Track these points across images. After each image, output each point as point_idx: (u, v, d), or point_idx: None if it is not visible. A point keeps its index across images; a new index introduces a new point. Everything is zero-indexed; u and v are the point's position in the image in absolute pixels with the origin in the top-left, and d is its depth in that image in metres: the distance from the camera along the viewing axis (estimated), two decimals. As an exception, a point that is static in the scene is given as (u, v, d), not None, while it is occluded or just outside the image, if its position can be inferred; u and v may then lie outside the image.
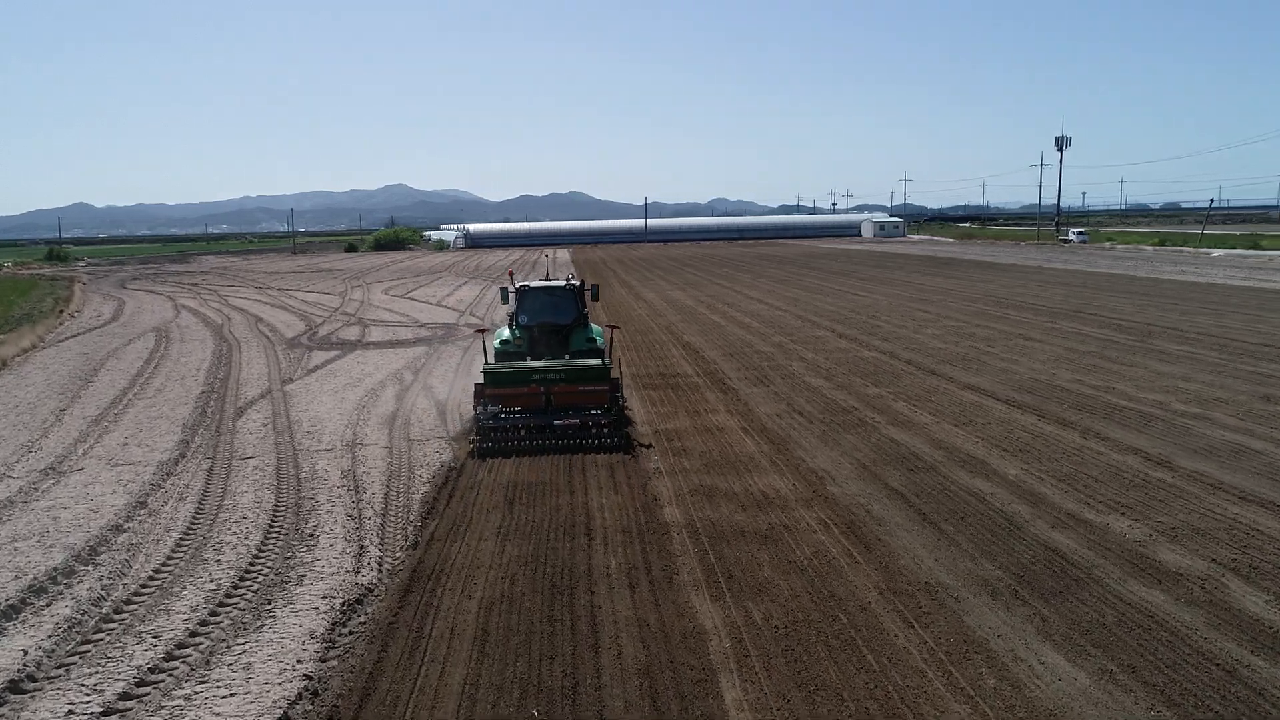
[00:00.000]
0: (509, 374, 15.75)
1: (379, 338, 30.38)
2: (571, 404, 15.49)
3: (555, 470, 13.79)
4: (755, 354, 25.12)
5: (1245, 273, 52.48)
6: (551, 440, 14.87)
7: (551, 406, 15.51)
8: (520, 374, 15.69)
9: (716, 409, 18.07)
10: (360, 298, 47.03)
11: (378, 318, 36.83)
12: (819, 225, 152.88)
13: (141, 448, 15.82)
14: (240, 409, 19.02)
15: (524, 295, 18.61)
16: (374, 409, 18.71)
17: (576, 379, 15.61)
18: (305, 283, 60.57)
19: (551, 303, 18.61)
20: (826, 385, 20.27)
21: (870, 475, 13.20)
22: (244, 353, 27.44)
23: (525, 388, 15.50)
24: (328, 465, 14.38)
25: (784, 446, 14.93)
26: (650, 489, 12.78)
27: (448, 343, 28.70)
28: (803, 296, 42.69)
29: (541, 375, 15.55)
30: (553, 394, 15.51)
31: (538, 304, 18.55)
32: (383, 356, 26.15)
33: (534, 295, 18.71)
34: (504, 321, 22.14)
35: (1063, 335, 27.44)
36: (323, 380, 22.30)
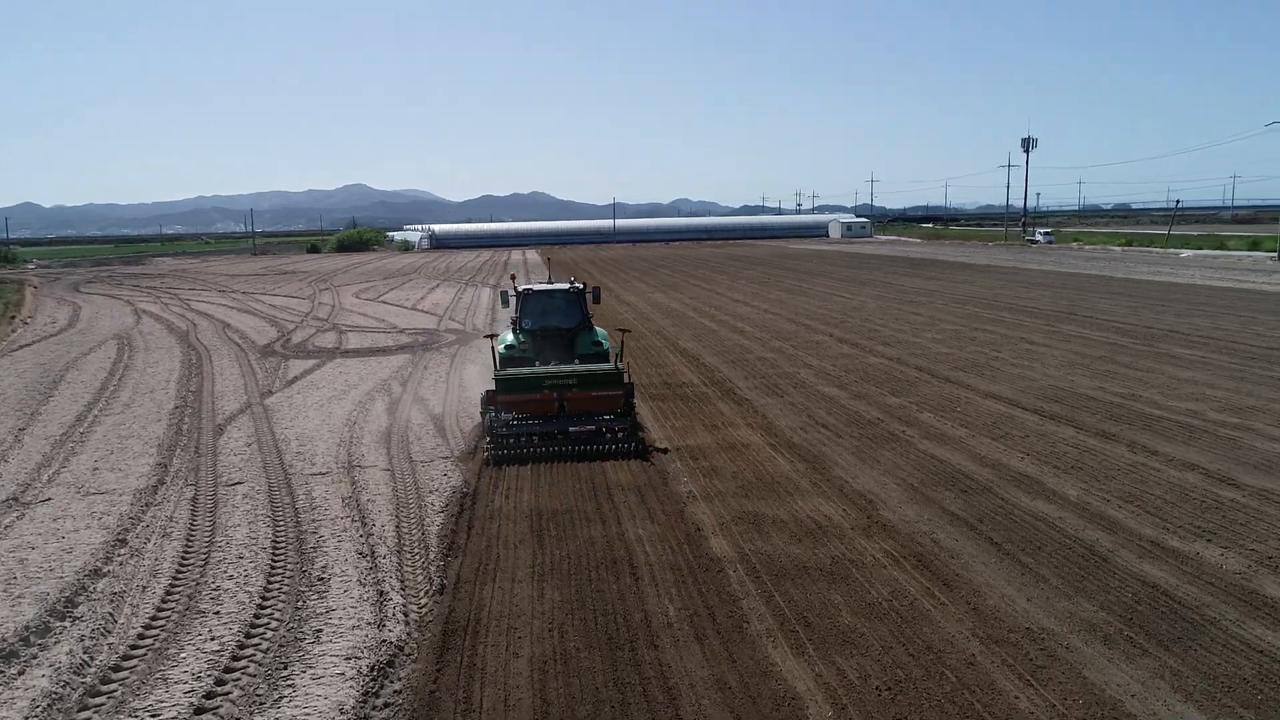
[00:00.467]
0: (521, 380, 15.15)
1: (358, 345, 28.90)
2: (585, 409, 15.09)
3: (579, 495, 12.64)
4: (758, 360, 24.14)
5: (1220, 273, 52.79)
6: (567, 447, 14.45)
7: (564, 412, 15.03)
8: (532, 380, 15.12)
9: (734, 422, 17.03)
10: (331, 301, 45.30)
11: (353, 323, 35.26)
12: (787, 226, 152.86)
13: (114, 473, 14.35)
14: (219, 426, 17.56)
15: (527, 299, 17.97)
16: (366, 425, 17.38)
17: (590, 384, 15.13)
18: (270, 285, 58.51)
19: (555, 306, 18.09)
20: (843, 395, 19.33)
21: (923, 498, 12.24)
22: (215, 362, 25.83)
23: (538, 394, 14.98)
24: (326, 492, 13.07)
25: (820, 465, 13.93)
26: (689, 516, 11.69)
27: (432, 350, 27.34)
28: (787, 299, 41.88)
29: (554, 381, 15.04)
30: (566, 400, 15.04)
31: (541, 308, 17.98)
32: (365, 366, 24.73)
33: (537, 299, 18.07)
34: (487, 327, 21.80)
35: (1065, 339, 26.85)
36: (305, 392, 20.86)
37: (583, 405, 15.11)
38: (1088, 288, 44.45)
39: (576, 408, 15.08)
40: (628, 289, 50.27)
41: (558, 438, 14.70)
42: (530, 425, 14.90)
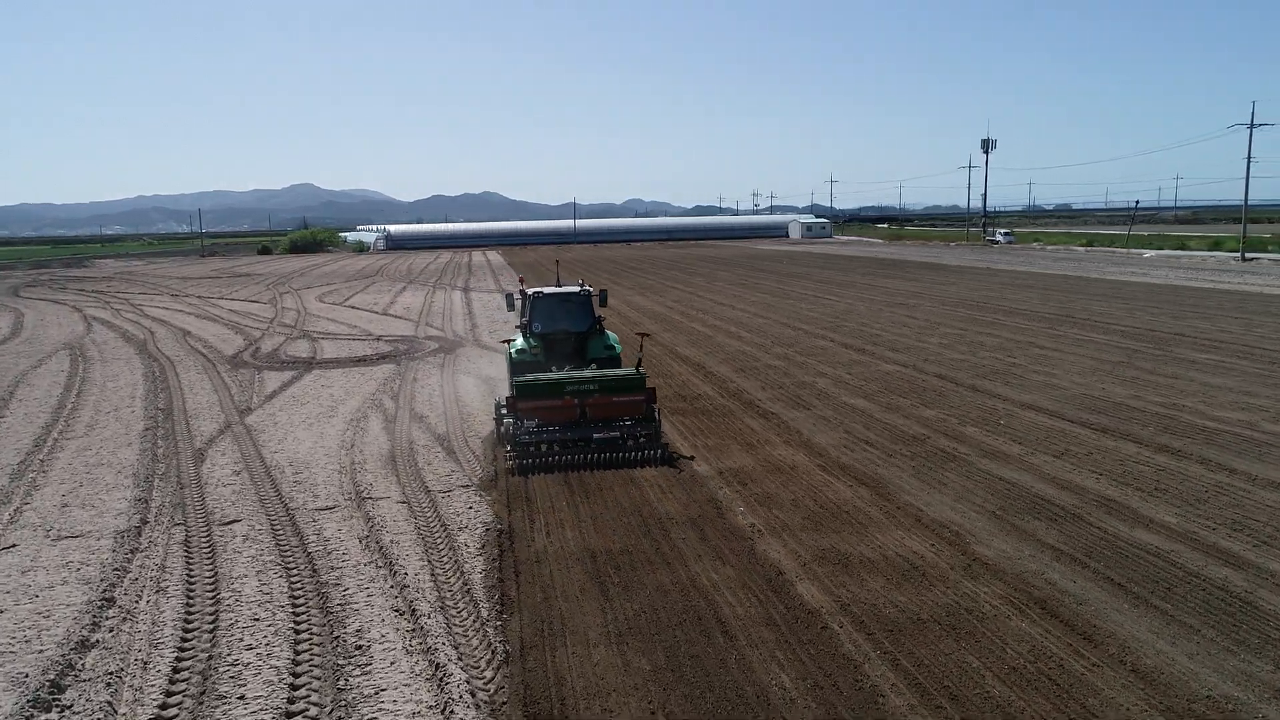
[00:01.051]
0: (542, 386, 14.61)
1: (335, 354, 27.07)
2: (607, 415, 14.66)
3: (630, 531, 11.25)
4: (768, 369, 22.94)
5: (1191, 273, 53.08)
6: (592, 455, 14.09)
7: (586, 419, 14.57)
8: (553, 385, 14.63)
9: (769, 439, 15.77)
10: (294, 306, 43.10)
11: (324, 329, 33.30)
12: (748, 226, 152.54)
13: (87, 510, 12.57)
14: (199, 451, 15.79)
15: (537, 302, 17.41)
16: (364, 447, 15.77)
17: (612, 389, 14.72)
18: (226, 289, 55.87)
19: (566, 310, 17.58)
20: (873, 407, 18.20)
21: (1012, 528, 11.09)
22: (181, 375, 23.84)
23: (559, 399, 14.49)
24: (338, 531, 11.49)
25: (883, 490, 12.72)
26: (762, 556, 10.38)
27: (417, 360, 25.64)
28: (773, 301, 40.85)
29: (576, 386, 14.59)
30: (587, 406, 14.58)
31: (552, 311, 17.44)
32: (349, 377, 22.98)
33: (548, 302, 17.51)
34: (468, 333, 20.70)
35: (1075, 343, 26.13)
36: (289, 409, 19.11)
37: (605, 411, 14.62)
38: (1070, 289, 44.16)
39: (598, 414, 14.57)
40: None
41: (581, 445, 14.25)
42: (553, 432, 14.34)
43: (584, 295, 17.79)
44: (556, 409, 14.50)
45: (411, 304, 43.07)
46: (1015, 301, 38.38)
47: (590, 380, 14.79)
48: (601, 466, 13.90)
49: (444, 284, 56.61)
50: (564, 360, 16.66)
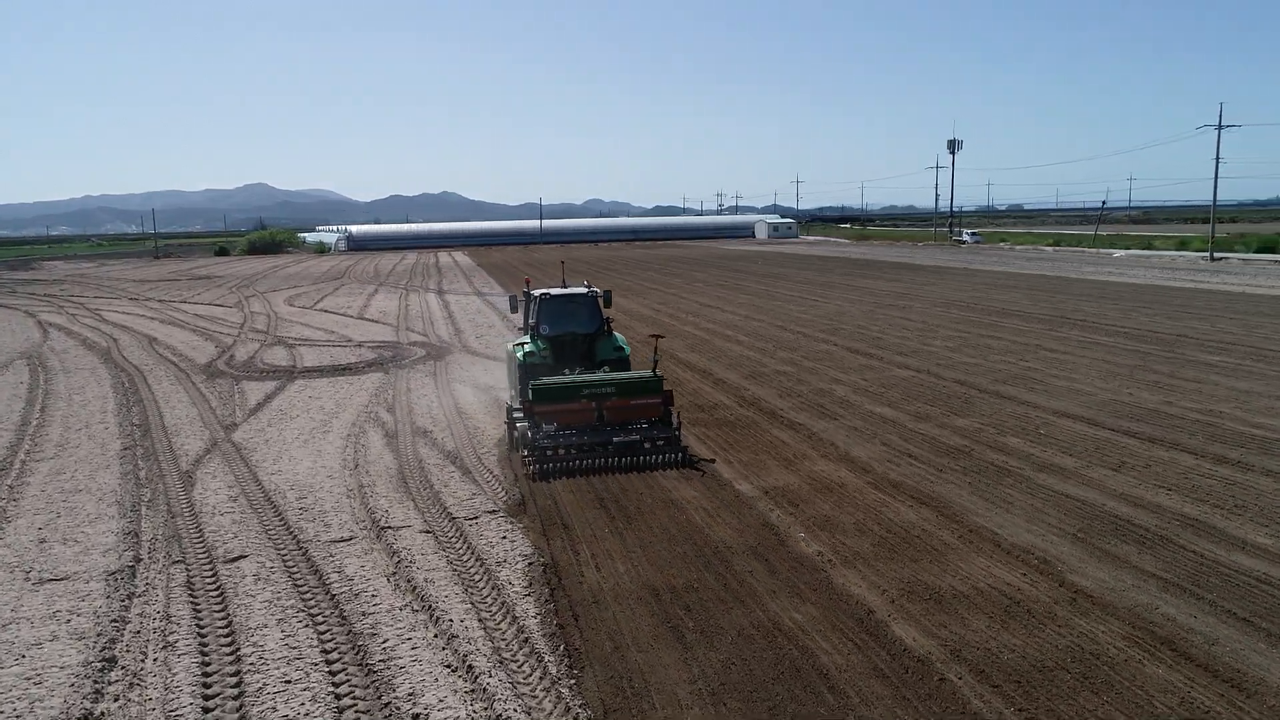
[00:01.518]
0: (559, 389, 14.40)
1: (317, 361, 25.61)
2: (624, 418, 14.46)
3: (688, 563, 10.21)
4: (778, 375, 22.02)
5: (1166, 273, 53.40)
6: (613, 459, 13.71)
7: (603, 422, 14.34)
8: (570, 388, 14.43)
9: (806, 453, 14.82)
10: (263, 310, 41.31)
11: (299, 335, 31.71)
12: (714, 226, 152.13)
13: (69, 546, 11.20)
14: (187, 472, 14.40)
15: (545, 304, 17.08)
16: (369, 466, 14.52)
17: (630, 392, 14.53)
18: (187, 292, 53.68)
19: (574, 311, 17.31)
20: (902, 416, 17.35)
21: (1102, 554, 10.25)
22: (154, 386, 22.26)
23: (576, 403, 14.29)
24: (361, 567, 10.29)
25: (947, 510, 11.82)
26: (842, 591, 9.40)
27: (405, 366, 24.31)
28: (760, 302, 40.05)
29: (593, 389, 14.40)
30: (605, 408, 14.36)
31: (560, 313, 17.16)
32: (336, 387, 21.61)
33: (556, 304, 17.19)
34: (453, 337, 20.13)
35: (1081, 345, 25.61)
36: (278, 424, 17.73)
37: (623, 414, 14.40)
38: (1055, 289, 43.99)
39: (616, 417, 14.34)
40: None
41: (600, 449, 13.93)
42: (572, 436, 14.06)
43: (591, 296, 17.49)
44: (574, 412, 14.21)
45: (387, 308, 41.51)
46: (1005, 302, 37.99)
47: (608, 383, 14.53)
48: (623, 470, 13.57)
49: (416, 286, 54.97)
50: (573, 362, 16.30)
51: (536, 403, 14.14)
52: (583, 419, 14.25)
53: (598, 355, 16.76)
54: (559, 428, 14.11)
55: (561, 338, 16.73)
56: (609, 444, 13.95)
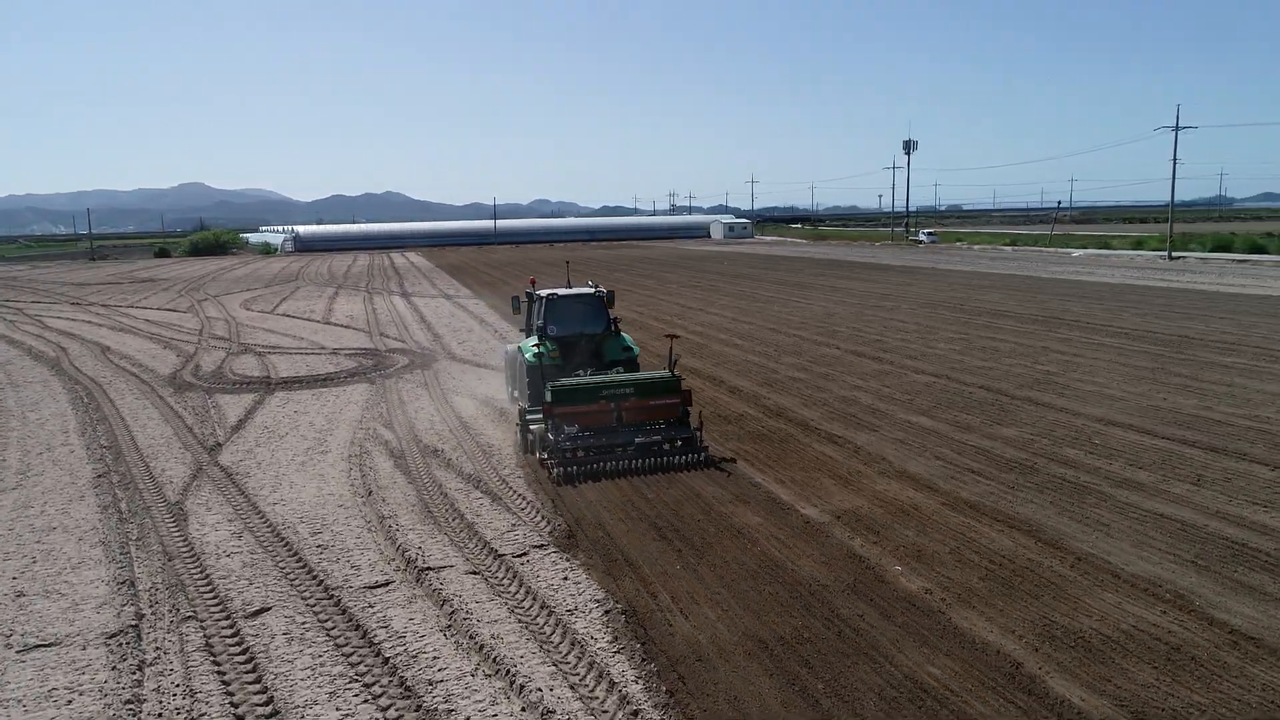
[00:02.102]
0: (578, 390, 14.23)
1: (292, 371, 23.81)
2: (642, 419, 14.31)
3: (784, 606, 9.01)
4: (793, 382, 20.97)
5: (1133, 272, 53.87)
6: (636, 460, 13.51)
7: (622, 423, 14.17)
8: (589, 390, 14.28)
9: (860, 470, 13.74)
10: (220, 315, 39.02)
11: (266, 342, 29.74)
12: (670, 226, 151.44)
13: (53, 599, 9.56)
14: (175, 504, 12.74)
15: (551, 304, 16.96)
16: (384, 493, 13.04)
17: (649, 392, 14.41)
18: (132, 296, 50.81)
19: (582, 311, 17.29)
20: (942, 426, 16.41)
21: (1236, 585, 9.32)
22: (117, 401, 20.32)
23: (594, 404, 14.13)
24: (410, 621, 8.87)
25: (1043, 535, 10.82)
26: (971, 636, 8.29)
27: (392, 376, 22.69)
28: (741, 304, 39.11)
29: (611, 390, 14.27)
30: (624, 409, 14.21)
31: (567, 313, 17.07)
32: (321, 400, 19.95)
33: (563, 304, 17.12)
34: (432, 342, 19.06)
35: (1087, 347, 25.07)
36: (267, 443, 16.09)
37: (641, 415, 14.29)
38: (1033, 289, 43.85)
39: (634, 417, 14.23)
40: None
41: (620, 450, 13.75)
42: (590, 437, 13.84)
43: (598, 296, 17.48)
44: (593, 414, 14.04)
45: (353, 312, 39.54)
46: (989, 303, 37.57)
47: (626, 383, 14.46)
48: (647, 471, 13.38)
49: (378, 289, 52.85)
50: (581, 363, 16.20)
51: (556, 404, 13.85)
52: (602, 420, 14.05)
53: (606, 355, 16.65)
54: (580, 429, 13.85)
55: (569, 338, 16.56)
56: (630, 445, 13.75)
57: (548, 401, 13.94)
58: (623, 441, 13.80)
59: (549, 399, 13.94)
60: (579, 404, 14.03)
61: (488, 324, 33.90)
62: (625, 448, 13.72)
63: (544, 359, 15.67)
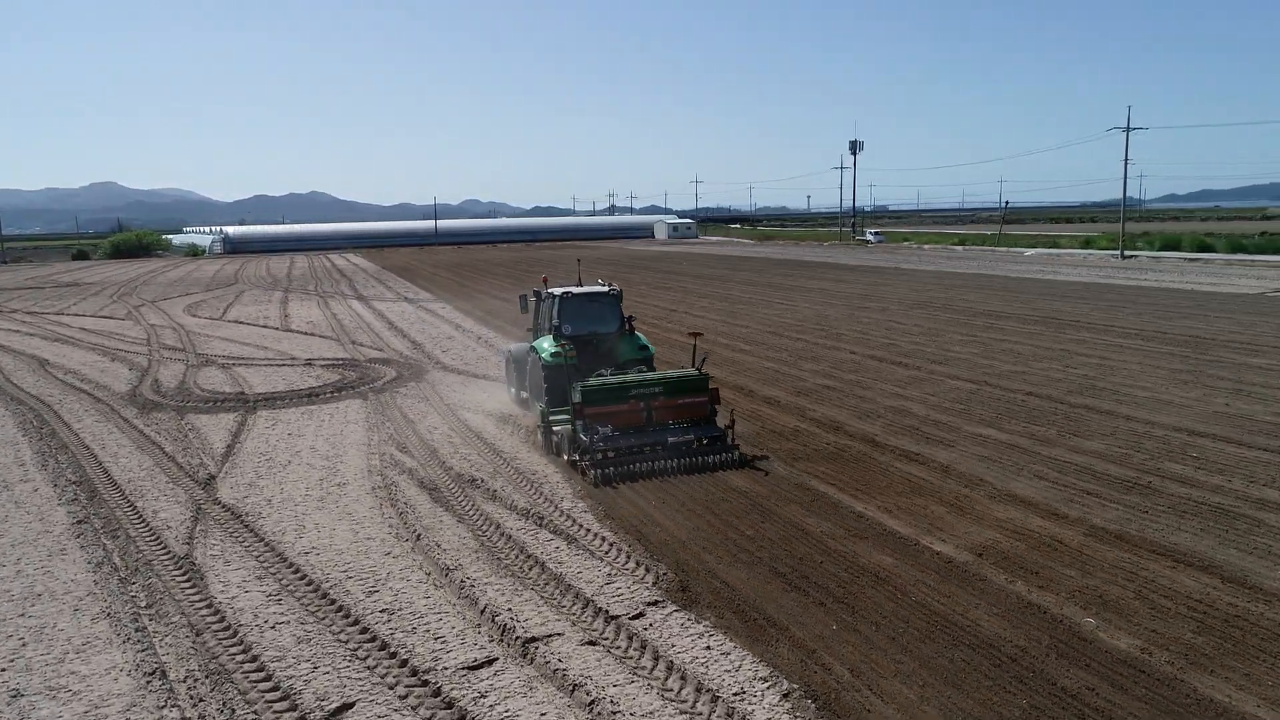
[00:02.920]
0: (608, 390, 14.06)
1: (268, 386, 21.42)
2: (671, 418, 14.23)
3: (998, 683, 7.46)
4: (829, 391, 19.55)
5: (1093, 270, 54.24)
6: (671, 460, 13.35)
7: (652, 422, 14.08)
8: (619, 389, 14.13)
9: (964, 494, 12.31)
10: (164, 322, 35.90)
11: (227, 353, 27.09)
12: (614, 227, 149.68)
13: (64, 703, 7.41)
14: (184, 559, 10.58)
15: (566, 303, 16.70)
16: (433, 535, 11.10)
17: (677, 391, 14.33)
18: (59, 302, 46.87)
19: (596, 310, 17.07)
20: (1020, 439, 15.15)
21: None
22: (74, 424, 17.76)
23: (624, 404, 14.01)
24: (539, 715, 7.04)
25: (1225, 573, 9.51)
26: (1242, 715, 6.86)
27: (384, 390, 20.52)
28: (723, 305, 37.78)
29: (640, 389, 14.16)
30: (653, 408, 14.12)
31: (582, 312, 16.85)
32: (313, 419, 17.75)
33: (577, 303, 16.84)
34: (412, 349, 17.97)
35: (1109, 349, 24.30)
36: (270, 474, 13.91)
37: (670, 414, 14.23)
38: (1010, 288, 43.48)
39: (664, 416, 14.18)
40: (503, 299, 43.82)
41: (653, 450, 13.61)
42: (628, 438, 13.69)
43: (613, 295, 17.23)
44: (624, 413, 13.91)
45: (312, 318, 36.84)
46: (975, 303, 36.89)
47: (655, 382, 14.35)
48: (683, 472, 13.21)
49: (330, 293, 49.89)
50: (596, 363, 15.96)
51: (587, 404, 13.70)
52: (632, 420, 13.95)
53: (621, 355, 16.48)
54: (613, 429, 13.68)
55: (584, 337, 16.33)
56: (664, 444, 13.65)
57: (578, 402, 13.71)
58: (655, 441, 13.69)
59: (579, 399, 13.71)
60: (610, 404, 13.85)
61: (465, 330, 31.77)
62: (658, 447, 13.58)
63: (560, 358, 15.40)
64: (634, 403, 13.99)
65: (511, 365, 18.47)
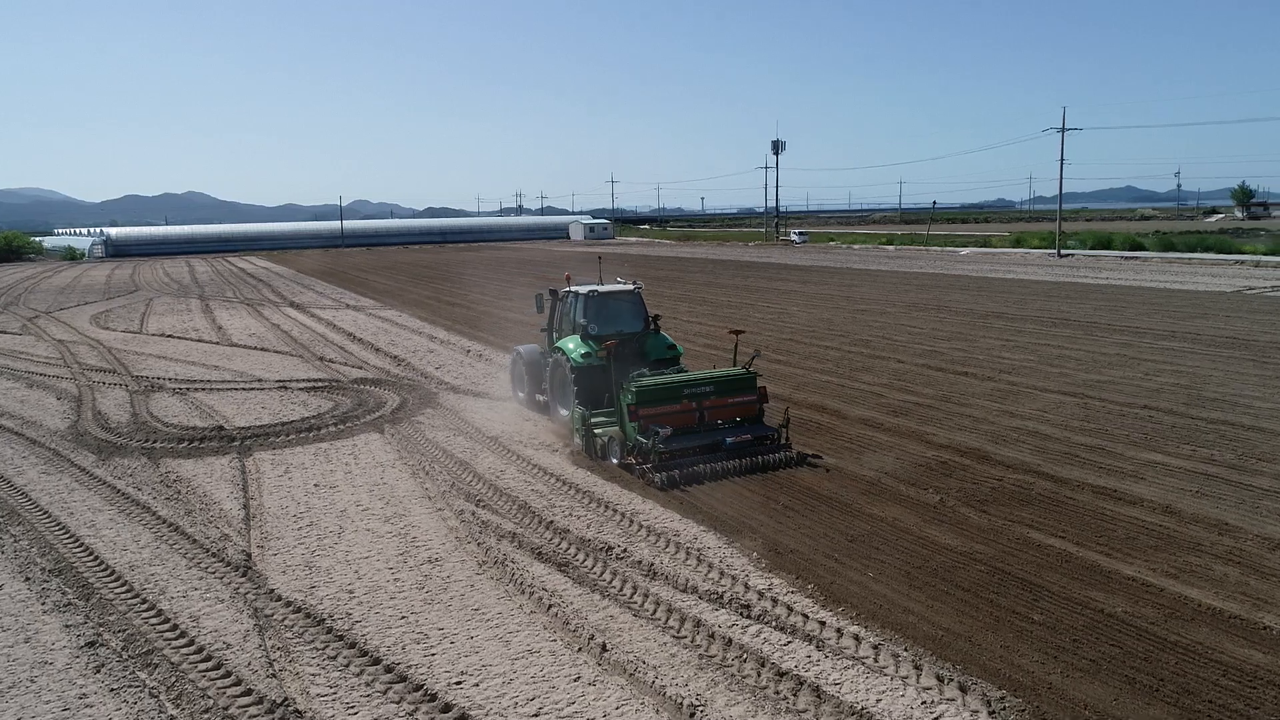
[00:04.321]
0: (662, 390, 13.68)
1: (246, 416, 17.55)
2: (721, 418, 14.04)
3: None
4: (931, 411, 17.17)
5: (1040, 269, 54.30)
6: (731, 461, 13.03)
7: (705, 422, 13.84)
8: (673, 389, 13.81)
9: (1237, 549, 10.07)
10: (75, 336, 30.76)
11: (174, 374, 22.79)
12: (527, 227, 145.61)
13: None
14: (278, 705, 7.22)
15: (592, 302, 16.27)
16: (608, 637, 8.09)
17: (727, 390, 14.13)
18: (-71, 314, 40.45)
19: (621, 309, 16.68)
20: (1198, 464, 13.16)
21: None
22: (17, 479, 13.67)
23: (677, 404, 13.70)
24: None
25: None
26: None
27: (400, 419, 17.04)
28: (702, 309, 35.25)
29: (693, 389, 13.91)
30: (705, 408, 13.87)
31: (608, 311, 16.43)
32: (330, 461, 14.26)
33: (602, 301, 16.43)
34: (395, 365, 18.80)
35: (1157, 351, 23.00)
36: (325, 548, 10.48)
37: (722, 413, 14.05)
38: (980, 288, 42.59)
39: (715, 416, 13.98)
40: (460, 305, 40.33)
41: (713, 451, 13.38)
42: (687, 439, 13.42)
43: (637, 292, 16.94)
44: (678, 414, 13.61)
45: (254, 330, 32.34)
46: (965, 303, 35.57)
47: (706, 382, 14.12)
48: (743, 473, 12.88)
49: (254, 299, 44.88)
50: (624, 363, 15.06)
51: (642, 405, 13.36)
52: (686, 420, 13.67)
53: (650, 354, 16.07)
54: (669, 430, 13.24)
55: (610, 337, 15.51)
56: (723, 445, 13.38)
57: (632, 404, 13.32)
58: (713, 442, 13.40)
59: (633, 401, 13.31)
60: (664, 404, 13.53)
61: (445, 342, 28.22)
62: (716, 448, 13.32)
63: (591, 359, 15.05)
64: (686, 403, 13.67)
65: (522, 367, 17.78)
